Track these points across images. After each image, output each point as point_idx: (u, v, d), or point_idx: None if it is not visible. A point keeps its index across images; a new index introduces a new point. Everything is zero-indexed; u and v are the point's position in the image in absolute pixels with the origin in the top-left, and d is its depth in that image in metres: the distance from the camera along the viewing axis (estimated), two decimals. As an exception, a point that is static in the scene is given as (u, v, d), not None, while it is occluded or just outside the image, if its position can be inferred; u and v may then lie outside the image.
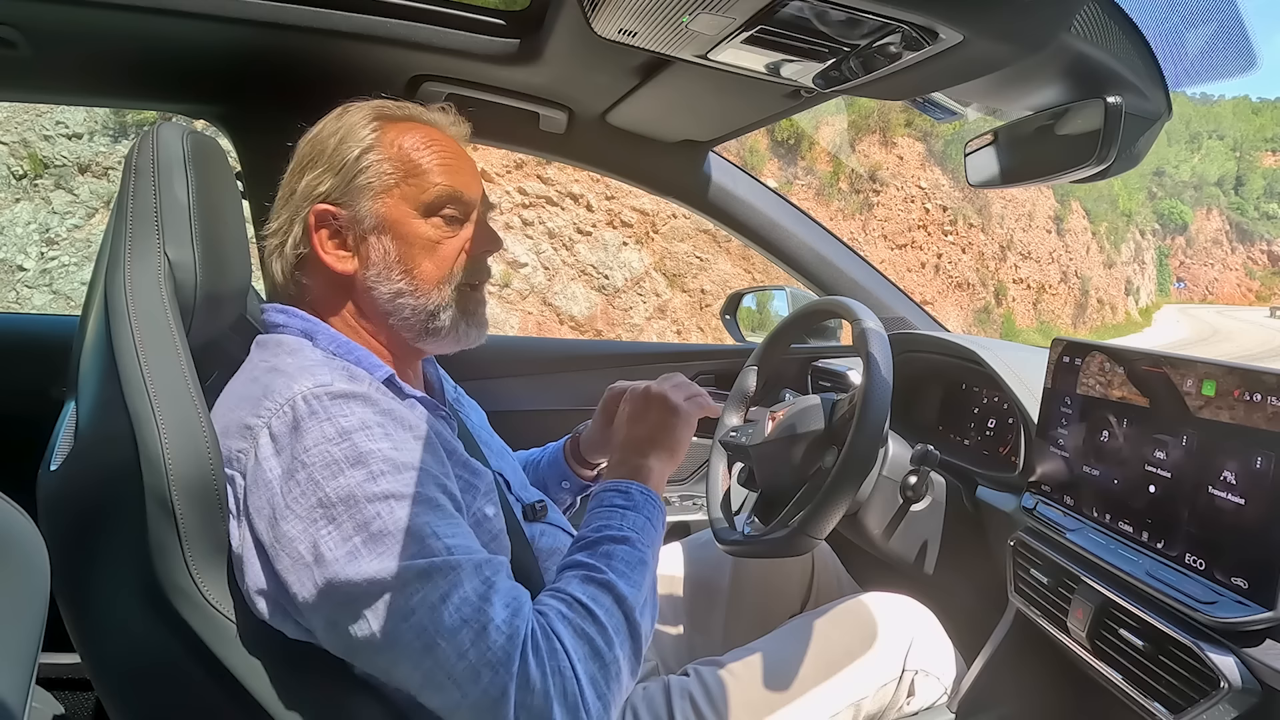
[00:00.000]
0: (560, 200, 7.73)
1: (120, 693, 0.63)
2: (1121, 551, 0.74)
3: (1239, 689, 0.61)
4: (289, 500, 0.56)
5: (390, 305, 0.71)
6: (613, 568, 0.64)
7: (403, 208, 0.70)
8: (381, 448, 0.58)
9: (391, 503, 0.56)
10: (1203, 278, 59.93)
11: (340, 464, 0.56)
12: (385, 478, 0.57)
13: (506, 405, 1.37)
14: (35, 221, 6.35)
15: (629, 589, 0.63)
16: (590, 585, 0.63)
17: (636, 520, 0.69)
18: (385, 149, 0.70)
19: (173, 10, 0.90)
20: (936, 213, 12.78)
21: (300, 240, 0.70)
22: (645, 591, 0.65)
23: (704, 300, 8.32)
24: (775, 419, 1.03)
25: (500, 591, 0.57)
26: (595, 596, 0.62)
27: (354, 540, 0.55)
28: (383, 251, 0.70)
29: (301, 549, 0.55)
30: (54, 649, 0.59)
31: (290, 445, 0.57)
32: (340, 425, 0.58)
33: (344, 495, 0.55)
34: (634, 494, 0.71)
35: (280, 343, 0.67)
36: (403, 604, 0.54)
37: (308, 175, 0.70)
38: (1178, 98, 0.87)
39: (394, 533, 0.55)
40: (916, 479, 0.97)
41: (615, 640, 0.61)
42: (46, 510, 0.63)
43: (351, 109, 0.73)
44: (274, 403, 0.59)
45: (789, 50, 0.78)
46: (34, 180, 6.42)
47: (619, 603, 0.62)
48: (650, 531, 0.70)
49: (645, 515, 0.70)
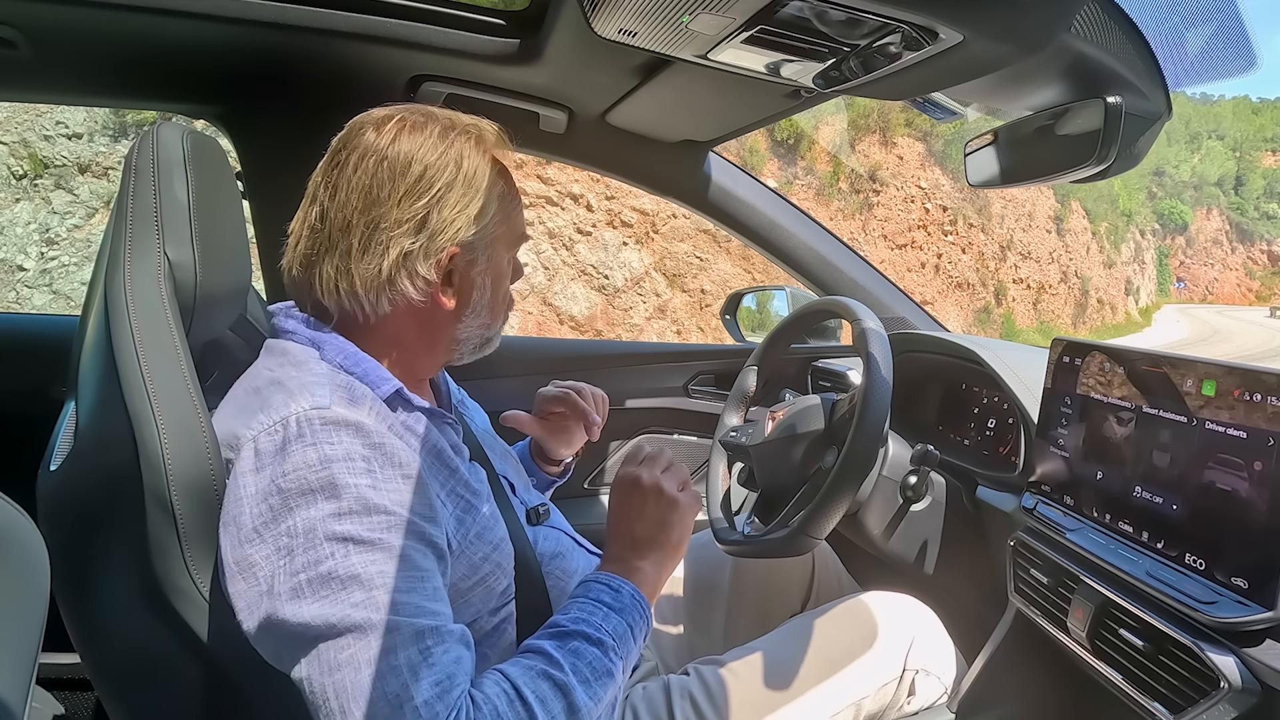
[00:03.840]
0: (560, 200, 7.73)
1: (120, 693, 0.63)
2: (1121, 551, 0.74)
3: (1239, 689, 0.61)
4: (257, 523, 0.55)
5: (465, 334, 0.72)
6: (576, 670, 0.59)
7: (501, 253, 0.72)
8: (358, 483, 0.56)
9: (349, 546, 0.54)
10: (1203, 278, 59.91)
11: (313, 492, 0.55)
12: (351, 518, 0.55)
13: (507, 405, 1.37)
14: (35, 221, 6.35)
15: (585, 699, 0.58)
16: (544, 682, 0.57)
17: (618, 625, 0.63)
18: (492, 188, 0.70)
19: (173, 10, 0.90)
20: (936, 213, 12.78)
21: (431, 277, 0.67)
22: (602, 707, 0.60)
23: (704, 300, 8.32)
24: (775, 419, 1.03)
25: (435, 667, 0.53)
26: (545, 698, 0.56)
27: (299, 578, 0.53)
28: (481, 291, 0.71)
29: (260, 575, 0.54)
30: (54, 649, 0.59)
31: (272, 465, 0.56)
32: (324, 453, 0.56)
33: (307, 527, 0.54)
34: (624, 595, 0.66)
35: (286, 351, 0.66)
36: (331, 657, 0.52)
37: (443, 209, 0.66)
38: (1178, 98, 0.87)
39: (342, 578, 0.53)
40: (916, 479, 0.97)
41: None
42: (46, 510, 0.63)
43: (452, 133, 0.68)
44: (268, 418, 0.58)
45: (789, 50, 0.78)
46: (34, 180, 6.42)
47: (569, 712, 0.57)
48: (628, 642, 0.64)
49: (628, 622, 0.64)
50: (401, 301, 0.67)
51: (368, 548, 0.54)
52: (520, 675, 0.57)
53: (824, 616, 0.90)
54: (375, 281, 0.66)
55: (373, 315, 0.67)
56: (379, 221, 0.65)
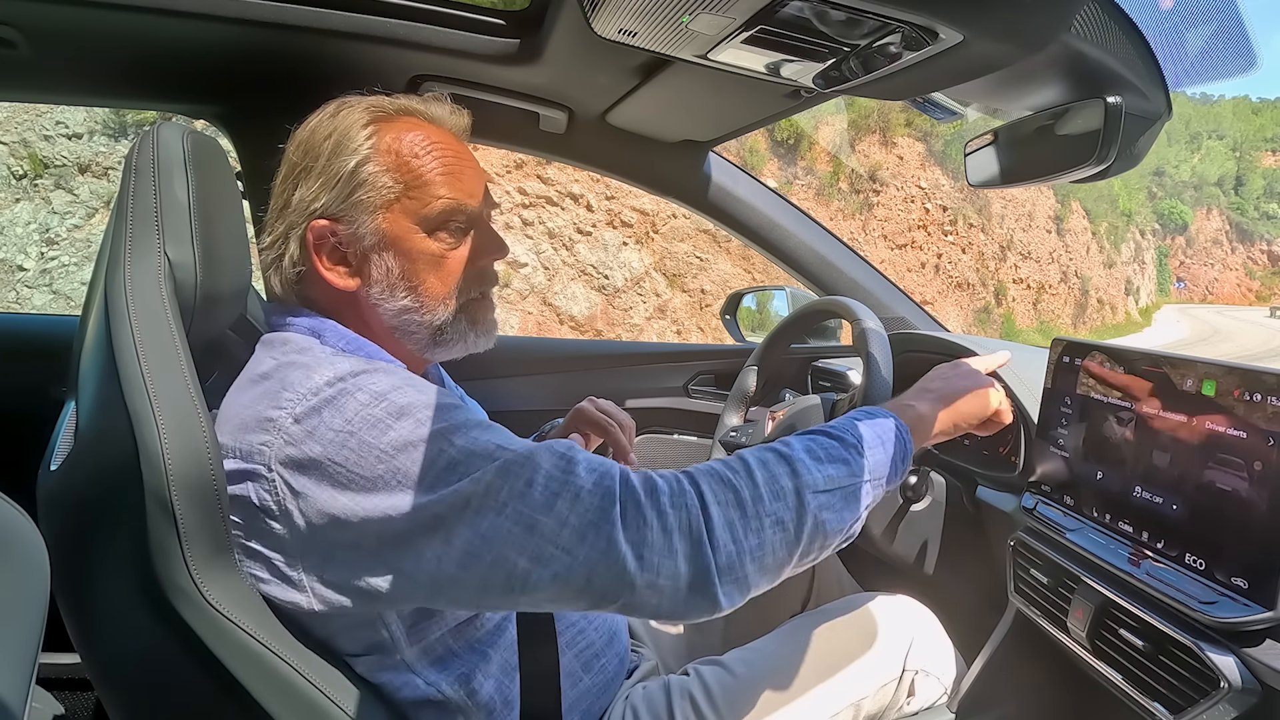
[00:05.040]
0: (560, 200, 7.73)
1: (120, 693, 0.63)
2: (1121, 551, 0.74)
3: (1239, 689, 0.61)
4: (349, 465, 0.55)
5: (396, 321, 0.69)
6: (809, 449, 0.62)
7: (404, 223, 0.67)
8: (418, 399, 0.58)
9: (450, 436, 0.56)
10: (1203, 278, 59.91)
11: (386, 420, 0.56)
12: (434, 420, 0.57)
13: (507, 405, 1.37)
14: (35, 221, 6.35)
15: (809, 467, 0.60)
16: (765, 452, 0.60)
17: (864, 431, 0.66)
18: (384, 157, 0.66)
19: (173, 10, 0.90)
20: (936, 213, 12.78)
21: (299, 257, 0.67)
22: (831, 485, 0.61)
23: (704, 300, 8.32)
24: (775, 419, 1.03)
25: (580, 462, 0.57)
26: (765, 460, 0.60)
27: (427, 477, 0.55)
28: (385, 269, 0.67)
29: (376, 501, 0.54)
30: (54, 649, 0.59)
31: (327, 421, 0.56)
32: (373, 390, 0.58)
33: (401, 444, 0.55)
34: (877, 413, 0.69)
35: (288, 340, 0.66)
36: (492, 501, 0.54)
37: (302, 187, 0.67)
38: (1178, 98, 0.87)
39: (463, 458, 0.56)
40: (916, 479, 0.97)
41: (767, 500, 0.58)
42: (46, 510, 0.63)
43: (345, 107, 0.69)
44: (295, 394, 0.58)
45: (789, 50, 0.78)
46: (34, 180, 6.42)
47: (791, 474, 0.60)
48: (877, 450, 0.66)
49: (878, 431, 0.66)
50: (310, 281, 0.69)
51: (464, 429, 0.57)
52: (744, 451, 0.61)
53: (824, 617, 0.90)
54: (265, 265, 0.70)
55: (309, 302, 0.70)
56: (270, 208, 0.70)
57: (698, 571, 0.55)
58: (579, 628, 0.78)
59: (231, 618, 0.58)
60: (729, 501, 0.57)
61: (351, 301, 0.69)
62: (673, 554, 0.55)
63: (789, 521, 0.59)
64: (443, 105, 0.73)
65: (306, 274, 0.69)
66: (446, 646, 0.66)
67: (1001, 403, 0.81)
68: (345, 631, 0.62)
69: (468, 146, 0.73)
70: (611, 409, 0.94)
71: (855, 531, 0.64)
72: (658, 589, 0.55)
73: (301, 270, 0.68)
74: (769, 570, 0.59)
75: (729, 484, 0.58)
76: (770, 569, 0.59)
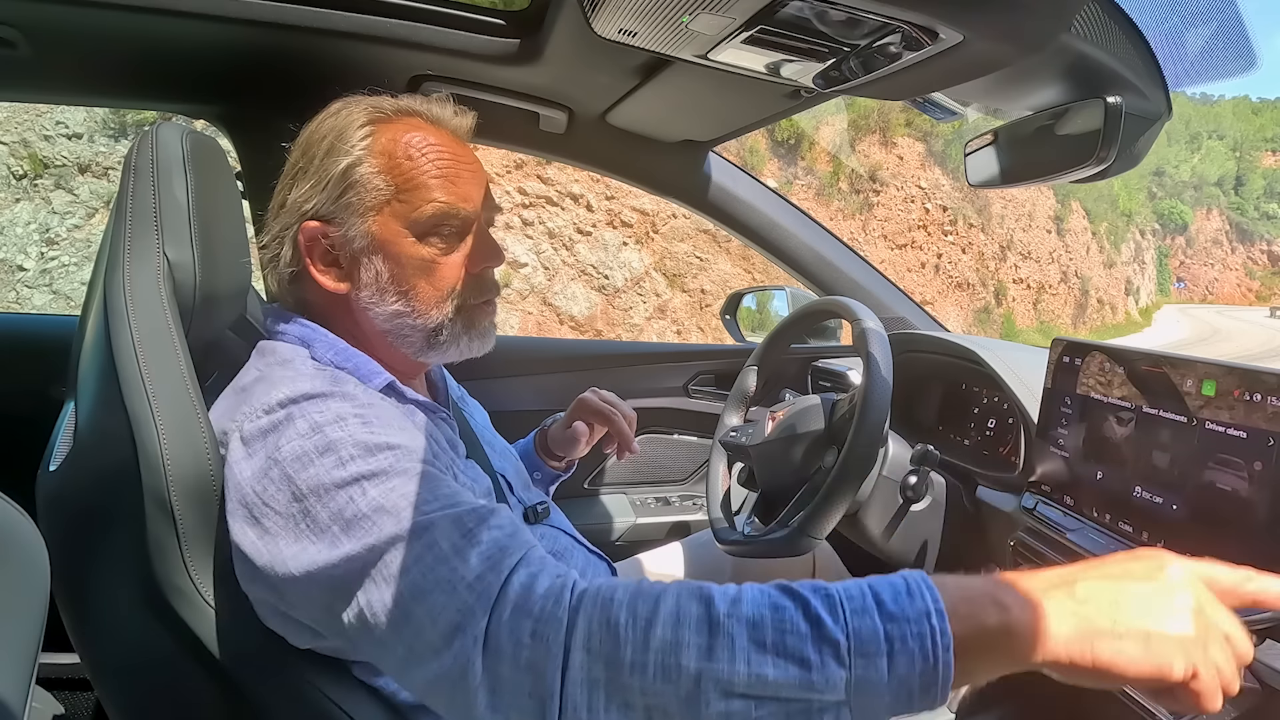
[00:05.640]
0: (560, 200, 7.73)
1: (120, 692, 0.63)
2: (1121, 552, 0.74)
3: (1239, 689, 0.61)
4: (265, 498, 0.54)
5: (388, 325, 0.68)
6: (753, 617, 0.44)
7: (394, 227, 0.66)
8: (352, 433, 0.55)
9: (363, 484, 0.52)
10: (1203, 278, 59.92)
11: (310, 455, 0.54)
12: (354, 462, 0.53)
13: (507, 405, 1.37)
14: (35, 221, 6.34)
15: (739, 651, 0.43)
16: (695, 602, 0.45)
17: (866, 627, 0.43)
18: (376, 159, 0.65)
19: (173, 10, 0.90)
20: (936, 213, 12.78)
21: (291, 258, 0.67)
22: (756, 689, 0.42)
23: (704, 300, 8.32)
24: (775, 419, 1.03)
25: (480, 544, 0.50)
26: (683, 615, 0.44)
27: (332, 529, 0.51)
28: (374, 273, 0.66)
29: (281, 545, 0.53)
30: (54, 649, 0.59)
31: (264, 446, 0.56)
32: (313, 420, 0.56)
33: (314, 486, 0.53)
34: (915, 601, 0.44)
35: (276, 350, 0.66)
36: (380, 575, 0.50)
37: (296, 187, 0.67)
38: (1178, 98, 0.87)
39: (369, 513, 0.51)
40: (916, 479, 0.97)
41: (651, 673, 0.43)
42: (46, 510, 0.63)
43: (346, 107, 0.69)
44: (250, 408, 0.58)
45: (789, 50, 0.78)
46: (34, 180, 6.42)
47: (704, 652, 0.43)
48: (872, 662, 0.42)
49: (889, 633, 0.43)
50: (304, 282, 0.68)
51: (382, 478, 0.53)
52: (675, 587, 0.46)
53: (824, 617, 0.89)
54: (275, 265, 0.69)
55: (304, 303, 0.70)
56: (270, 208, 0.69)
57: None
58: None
59: (231, 618, 0.58)
60: (601, 653, 0.44)
61: (344, 304, 0.69)
62: (521, 697, 0.44)
63: (673, 713, 0.43)
64: (445, 106, 0.72)
65: (300, 275, 0.69)
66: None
67: (1199, 671, 0.45)
68: None
69: (470, 149, 0.72)
70: (614, 399, 0.94)
71: None
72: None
73: (295, 271, 0.68)
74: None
75: (614, 631, 0.44)
76: None
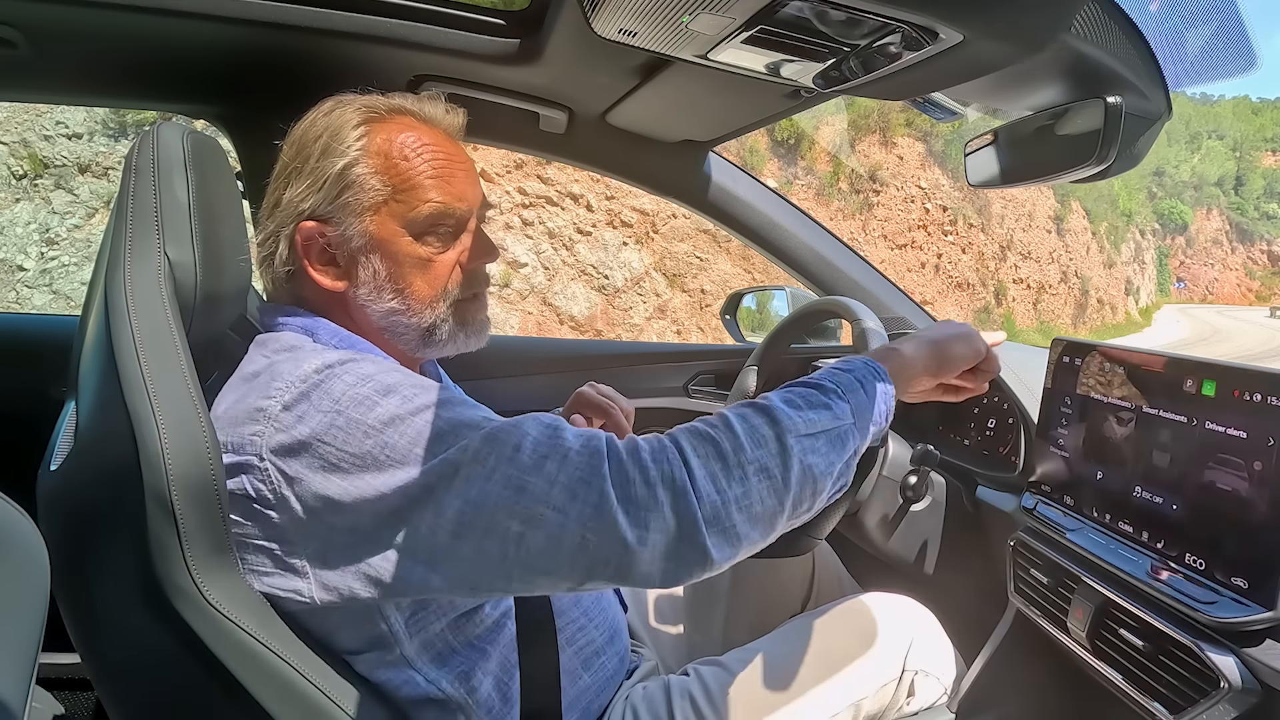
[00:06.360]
0: (560, 200, 7.73)
1: (120, 693, 0.63)
2: (1121, 551, 0.74)
3: (1239, 689, 0.61)
4: (338, 444, 0.55)
5: (385, 321, 0.70)
6: (788, 399, 0.62)
7: (391, 226, 0.67)
8: (404, 379, 0.59)
9: (436, 409, 0.57)
10: (1203, 278, 59.92)
11: (373, 398, 0.57)
12: (419, 395, 0.58)
13: (507, 405, 1.37)
14: (35, 221, 6.34)
15: (789, 414, 0.60)
16: (743, 406, 0.61)
17: (843, 378, 0.66)
18: (372, 159, 0.66)
19: (173, 10, 0.90)
20: (936, 213, 12.78)
21: (288, 257, 0.68)
22: (813, 429, 0.61)
23: (704, 300, 8.32)
24: (775, 419, 1.03)
25: (565, 428, 0.58)
26: (743, 414, 0.60)
27: (415, 450, 0.55)
28: (372, 271, 0.68)
29: (367, 479, 0.55)
30: (54, 649, 0.59)
31: (315, 404, 0.57)
32: (359, 373, 0.59)
33: (387, 419, 0.56)
34: (855, 362, 0.68)
35: (280, 339, 0.66)
36: (480, 469, 0.54)
37: (291, 186, 0.67)
38: (1178, 98, 0.87)
39: (449, 430, 0.56)
40: (916, 479, 0.97)
41: (748, 448, 0.58)
42: (46, 510, 0.63)
43: (339, 106, 0.69)
44: (284, 383, 0.59)
45: (789, 50, 0.78)
46: (34, 180, 6.42)
47: (771, 422, 0.59)
48: (856, 392, 0.65)
49: (856, 376, 0.66)
50: (301, 281, 0.69)
51: (450, 405, 0.58)
52: (721, 409, 0.61)
53: (823, 617, 0.90)
54: (270, 264, 0.69)
55: (302, 301, 0.70)
56: (264, 206, 0.70)
57: (684, 522, 0.55)
58: (579, 625, 0.78)
59: (231, 617, 0.58)
60: (709, 454, 0.57)
61: (341, 301, 0.70)
62: (659, 506, 0.54)
63: (774, 468, 0.58)
64: (437, 105, 0.73)
65: (296, 273, 0.69)
66: (446, 643, 0.66)
67: (991, 353, 0.78)
68: (345, 626, 0.62)
69: (462, 147, 0.73)
70: (611, 393, 0.95)
71: (847, 480, 0.64)
72: (649, 545, 0.54)
73: (291, 269, 0.69)
74: (759, 520, 0.58)
75: (708, 438, 0.58)
76: (760, 519, 0.58)
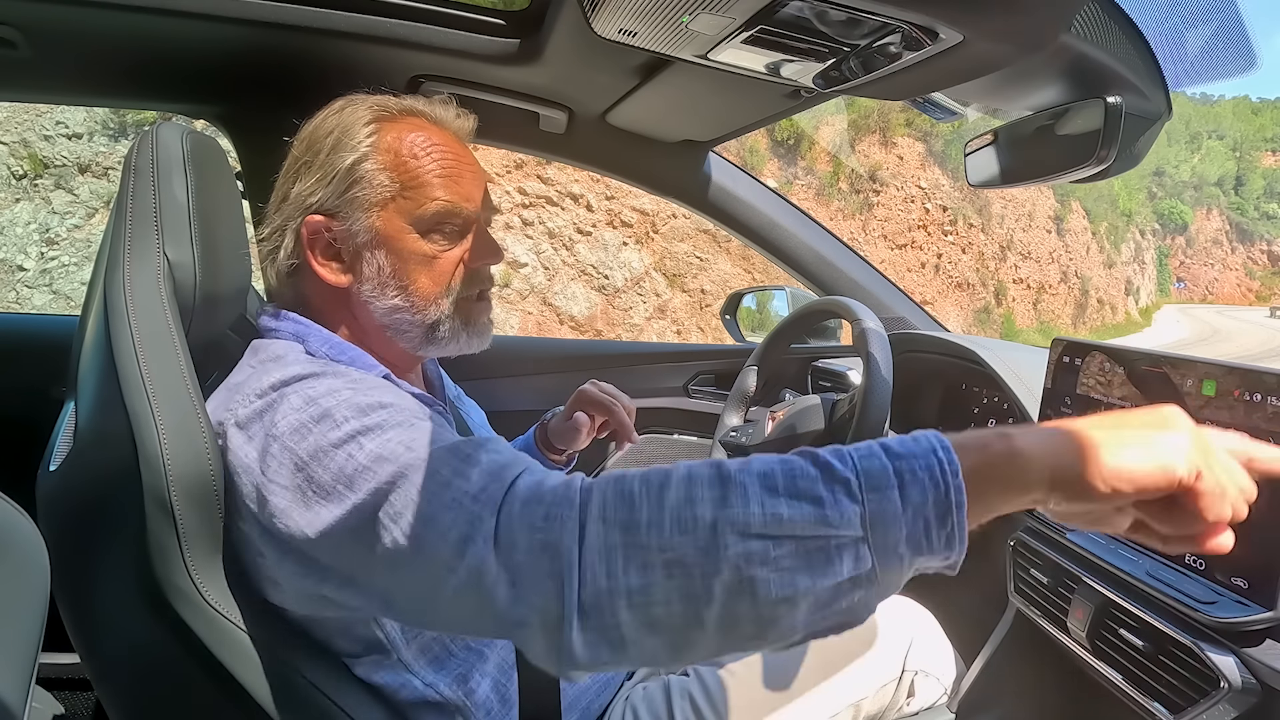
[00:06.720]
0: (560, 200, 7.73)
1: (120, 693, 0.63)
2: (1121, 551, 0.74)
3: (1239, 689, 0.61)
4: (270, 475, 0.55)
5: (387, 319, 0.69)
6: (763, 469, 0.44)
7: (398, 222, 0.67)
8: (346, 399, 0.56)
9: (359, 439, 0.53)
10: (1203, 278, 59.93)
11: (308, 425, 0.55)
12: (349, 422, 0.54)
13: (506, 405, 1.37)
14: (35, 221, 6.34)
15: (749, 496, 0.43)
16: (708, 466, 0.45)
17: (876, 466, 0.43)
18: (382, 156, 0.67)
19: (173, 10, 0.90)
20: (936, 213, 12.78)
21: (293, 251, 0.68)
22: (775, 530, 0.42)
23: (704, 300, 8.32)
24: (775, 419, 1.03)
25: (479, 464, 0.50)
26: (695, 477, 0.45)
27: (337, 488, 0.52)
28: (377, 267, 0.68)
29: (295, 515, 0.53)
30: (54, 649, 0.59)
31: (260, 426, 0.57)
32: (306, 395, 0.57)
33: (313, 452, 0.53)
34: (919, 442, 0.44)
35: (269, 348, 0.66)
36: (390, 514, 0.50)
37: (300, 181, 0.68)
38: (1178, 98, 0.87)
39: (368, 464, 0.52)
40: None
41: (667, 529, 0.43)
42: (46, 510, 0.63)
43: (350, 104, 0.70)
44: (243, 396, 0.59)
45: (789, 50, 0.78)
46: (34, 180, 6.42)
47: (717, 501, 0.43)
48: (885, 496, 0.42)
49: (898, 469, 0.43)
50: (304, 276, 0.69)
51: (377, 431, 0.53)
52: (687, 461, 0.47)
53: (824, 617, 0.90)
54: (262, 259, 0.70)
55: (303, 297, 0.70)
56: (270, 202, 0.70)
57: (557, 602, 0.44)
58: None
59: (231, 618, 0.58)
60: (616, 521, 0.44)
61: (343, 298, 0.70)
62: (539, 579, 0.44)
63: (693, 565, 0.42)
64: (448, 108, 0.73)
65: (299, 268, 0.69)
66: (444, 646, 0.66)
67: (1205, 474, 0.43)
68: (343, 631, 0.62)
69: (470, 150, 0.73)
70: (614, 391, 0.95)
71: (852, 618, 0.44)
72: (528, 625, 0.45)
73: (295, 264, 0.69)
74: (659, 628, 0.43)
75: (627, 499, 0.45)
76: (662, 627, 0.43)
